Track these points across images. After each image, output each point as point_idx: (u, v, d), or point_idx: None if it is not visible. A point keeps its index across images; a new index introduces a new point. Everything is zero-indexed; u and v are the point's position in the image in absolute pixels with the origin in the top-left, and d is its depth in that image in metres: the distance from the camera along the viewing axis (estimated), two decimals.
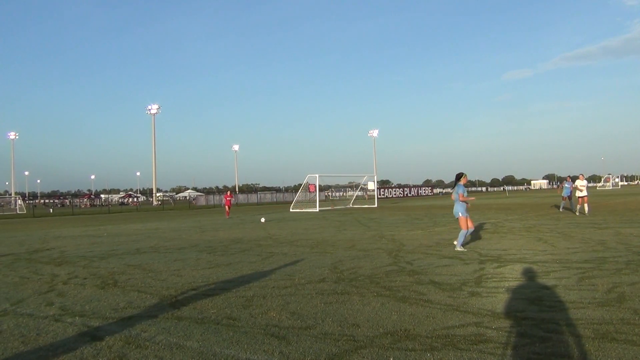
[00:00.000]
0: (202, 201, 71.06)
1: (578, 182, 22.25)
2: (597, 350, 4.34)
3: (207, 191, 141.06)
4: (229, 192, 30.14)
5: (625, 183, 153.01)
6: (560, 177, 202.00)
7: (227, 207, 30.20)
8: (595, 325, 5.06)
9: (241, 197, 73.80)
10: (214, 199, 70.80)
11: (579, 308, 5.77)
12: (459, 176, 11.69)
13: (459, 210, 11.47)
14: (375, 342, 4.80)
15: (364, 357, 4.38)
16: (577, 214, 21.65)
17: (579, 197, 21.88)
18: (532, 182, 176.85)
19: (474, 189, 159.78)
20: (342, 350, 4.58)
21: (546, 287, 6.94)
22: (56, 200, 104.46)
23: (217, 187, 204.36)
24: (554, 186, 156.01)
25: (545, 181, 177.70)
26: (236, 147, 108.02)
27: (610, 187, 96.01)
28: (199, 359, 4.51)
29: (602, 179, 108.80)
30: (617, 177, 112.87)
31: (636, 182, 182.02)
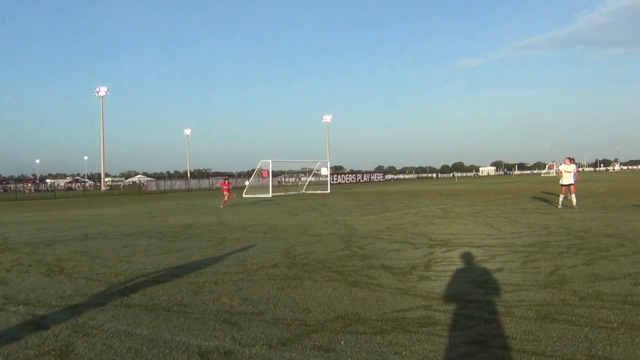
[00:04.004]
0: (152, 186, 69.68)
1: (563, 167, 18.19)
2: (538, 330, 4.52)
3: (158, 176, 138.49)
4: (226, 180, 27.95)
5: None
6: (507, 164, 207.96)
7: (225, 193, 26.69)
8: (537, 307, 5.26)
9: (193, 183, 72.77)
10: (165, 184, 69.59)
11: (522, 290, 5.97)
12: None
13: None
14: (326, 326, 4.85)
15: (315, 342, 4.42)
16: (560, 206, 17.33)
17: (562, 185, 17.78)
18: (480, 168, 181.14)
19: (424, 175, 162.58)
20: (293, 335, 4.61)
21: (492, 270, 7.16)
22: None
23: (167, 172, 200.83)
24: (505, 172, 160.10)
25: (493, 168, 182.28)
26: (188, 132, 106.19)
27: (554, 174, 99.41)
28: (149, 346, 4.45)
29: (547, 166, 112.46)
30: (561, 164, 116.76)
31: (580, 168, 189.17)
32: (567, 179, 17.63)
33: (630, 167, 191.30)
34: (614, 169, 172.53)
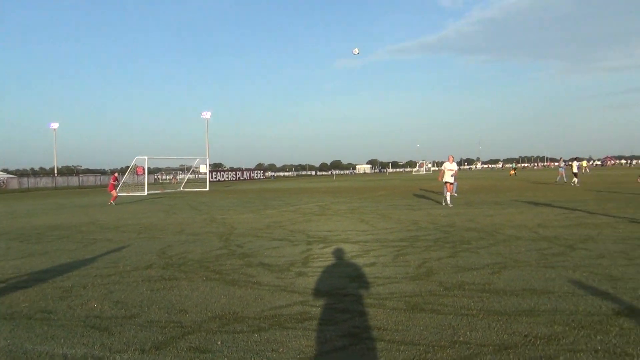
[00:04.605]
0: (14, 184, 64.14)
1: (446, 165, 18.47)
2: (407, 320, 4.78)
3: (21, 173, 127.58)
4: (115, 174, 26.11)
5: (437, 168, 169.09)
6: (382, 162, 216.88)
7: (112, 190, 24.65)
8: (407, 298, 5.56)
9: (60, 180, 67.93)
10: (29, 182, 64.35)
11: (394, 283, 6.28)
12: None
13: None
14: (203, 326, 4.77)
15: (191, 343, 4.33)
16: (446, 203, 17.51)
17: (445, 182, 18.07)
18: (357, 166, 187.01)
19: (303, 172, 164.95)
20: (168, 338, 4.48)
21: (366, 265, 7.44)
22: None
23: (32, 169, 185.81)
24: (379, 170, 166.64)
25: (369, 166, 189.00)
26: (55, 126, 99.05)
27: (424, 172, 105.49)
28: (7, 359, 4.10)
29: (417, 164, 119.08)
30: (430, 162, 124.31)
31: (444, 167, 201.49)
32: (448, 176, 18.05)
33: (489, 166, 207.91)
34: (476, 168, 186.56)
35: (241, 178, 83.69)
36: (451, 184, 18.27)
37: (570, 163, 33.31)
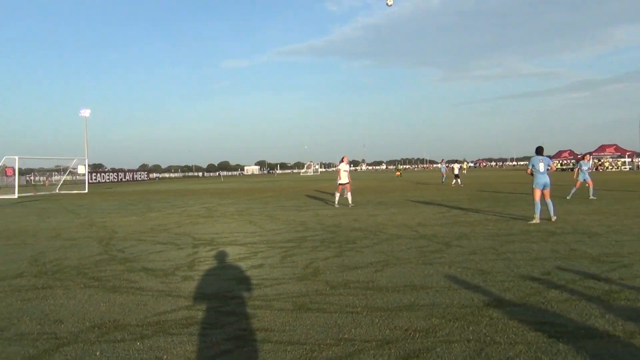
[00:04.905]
0: None
1: (342, 166, 18.05)
2: (294, 320, 4.82)
3: None
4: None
5: (324, 169, 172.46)
6: (270, 163, 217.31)
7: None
8: (294, 298, 5.61)
9: None
10: None
11: (281, 284, 6.31)
12: (541, 149, 12.30)
13: (549, 182, 12.07)
14: (80, 337, 4.51)
15: (67, 355, 4.08)
16: (337, 205, 17.66)
17: (340, 184, 17.89)
18: (245, 167, 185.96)
19: (190, 174, 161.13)
20: (41, 351, 4.18)
21: (254, 267, 7.42)
22: None
23: None
24: (268, 172, 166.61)
25: (257, 167, 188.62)
26: None
27: (312, 174, 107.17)
28: None
29: (305, 166, 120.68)
30: (318, 164, 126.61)
31: (332, 169, 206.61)
32: (345, 177, 17.76)
33: (374, 167, 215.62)
34: (361, 169, 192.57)
35: (123, 179, 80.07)
36: (348, 183, 17.96)
37: (451, 165, 35.44)
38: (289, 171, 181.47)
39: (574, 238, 9.08)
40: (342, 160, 18.21)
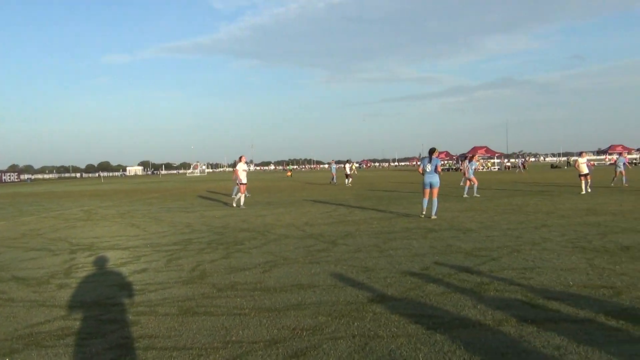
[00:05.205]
0: None
1: (241, 166, 17.58)
2: (180, 325, 4.70)
3: None
4: None
5: (211, 170, 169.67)
6: (154, 164, 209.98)
7: None
8: (180, 302, 5.47)
9: None
10: None
11: (166, 288, 6.13)
12: (432, 150, 12.94)
13: (438, 181, 12.73)
14: None
15: None
16: (234, 205, 17.82)
17: (242, 184, 17.47)
18: (127, 168, 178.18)
19: (67, 175, 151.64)
20: None
21: (137, 272, 7.14)
22: None
23: None
24: (152, 172, 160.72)
25: (141, 167, 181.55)
26: None
27: (199, 174, 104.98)
28: None
29: (192, 166, 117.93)
30: (204, 164, 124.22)
31: (220, 169, 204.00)
32: (244, 177, 17.50)
33: (262, 168, 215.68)
34: (250, 169, 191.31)
35: None
36: (244, 184, 17.66)
37: (343, 165, 36.34)
38: (175, 172, 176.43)
39: (450, 234, 9.67)
40: (240, 160, 17.89)
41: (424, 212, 12.74)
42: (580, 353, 3.74)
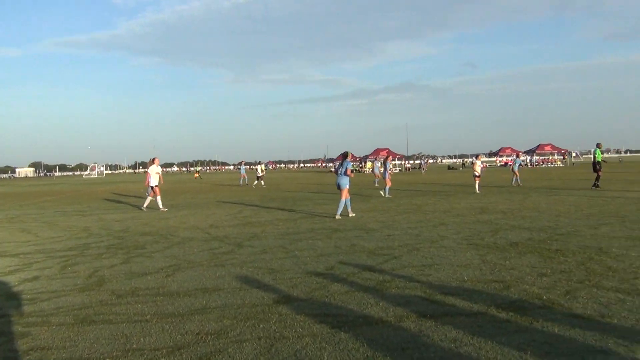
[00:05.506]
0: None
1: (153, 169, 17.18)
2: (76, 335, 4.45)
3: None
4: None
5: (110, 172, 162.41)
6: (48, 165, 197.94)
7: None
8: (76, 311, 5.19)
9: None
10: None
11: (61, 296, 5.80)
12: (345, 154, 13.57)
13: (346, 183, 13.00)
14: None
15: None
16: (144, 208, 17.05)
17: (155, 186, 16.94)
18: (17, 169, 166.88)
19: None
20: None
21: (27, 280, 6.70)
22: None
23: None
24: (45, 174, 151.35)
25: (32, 169, 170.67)
26: None
27: (96, 176, 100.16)
28: None
29: (89, 168, 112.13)
30: (102, 165, 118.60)
31: (119, 171, 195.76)
32: (156, 180, 17.00)
33: (165, 169, 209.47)
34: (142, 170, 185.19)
35: None
36: (157, 186, 17.06)
37: (255, 167, 36.22)
38: (70, 174, 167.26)
39: (354, 234, 9.89)
40: (152, 162, 17.30)
41: (351, 213, 13.15)
42: (474, 344, 3.95)
